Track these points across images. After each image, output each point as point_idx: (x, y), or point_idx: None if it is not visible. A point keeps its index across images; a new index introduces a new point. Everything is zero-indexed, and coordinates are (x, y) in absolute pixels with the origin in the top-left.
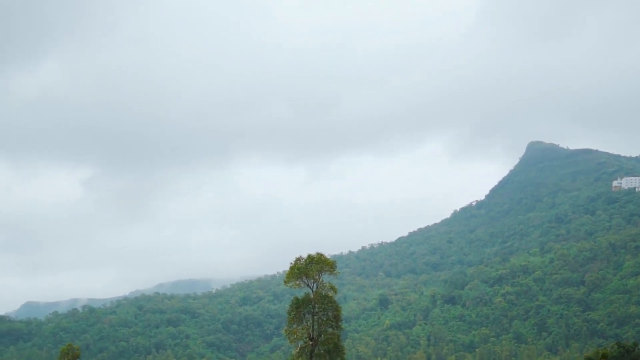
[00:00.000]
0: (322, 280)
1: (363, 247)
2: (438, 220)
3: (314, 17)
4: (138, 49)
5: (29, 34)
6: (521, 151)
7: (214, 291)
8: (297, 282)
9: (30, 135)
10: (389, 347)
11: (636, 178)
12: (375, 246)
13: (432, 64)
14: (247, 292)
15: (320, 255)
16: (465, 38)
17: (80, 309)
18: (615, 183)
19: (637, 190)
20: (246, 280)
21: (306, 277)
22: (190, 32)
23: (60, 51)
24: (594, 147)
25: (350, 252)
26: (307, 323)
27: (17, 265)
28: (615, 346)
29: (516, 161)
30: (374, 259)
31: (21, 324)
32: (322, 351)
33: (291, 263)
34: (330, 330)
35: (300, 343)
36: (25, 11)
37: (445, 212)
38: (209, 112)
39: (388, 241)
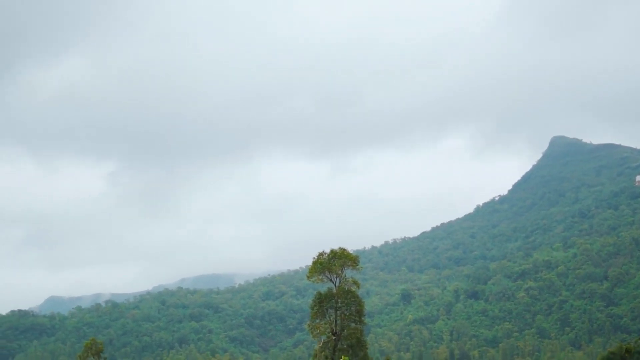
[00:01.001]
0: (345, 275)
1: (386, 242)
2: (461, 215)
3: (336, 13)
4: (161, 45)
5: (52, 31)
6: (544, 146)
7: (236, 286)
8: (320, 277)
9: (54, 131)
10: (412, 342)
11: None
12: (398, 241)
13: (455, 58)
14: (270, 287)
15: (343, 250)
16: (488, 33)
17: (103, 304)
18: (638, 178)
19: None
20: (269, 275)
21: (329, 272)
22: (212, 28)
23: (84, 48)
24: (617, 142)
25: (373, 247)
26: (329, 318)
27: (40, 260)
28: (639, 341)
29: (539, 156)
30: (396, 254)
31: (45, 319)
32: (344, 346)
33: (314, 258)
34: (353, 325)
35: (323, 338)
36: (49, 8)
37: (468, 207)
38: (231, 107)
39: (411, 236)
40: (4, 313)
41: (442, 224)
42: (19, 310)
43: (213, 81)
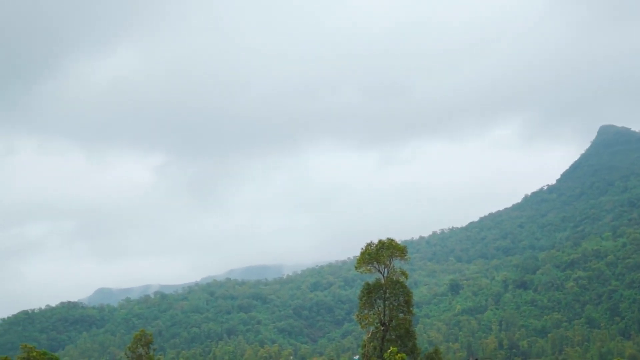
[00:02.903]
0: (393, 266)
1: (434, 232)
2: (509, 205)
3: (384, 3)
4: (208, 37)
5: (102, 25)
6: (593, 135)
7: (285, 277)
8: (368, 268)
9: (104, 123)
10: (460, 333)
11: None
12: (446, 231)
13: (504, 48)
14: (318, 278)
15: (391, 240)
16: (537, 22)
17: (152, 296)
18: None
19: None
20: (317, 265)
21: (377, 263)
22: (260, 19)
23: (133, 41)
24: None
25: (421, 237)
26: (378, 308)
27: (90, 252)
28: None
29: (588, 145)
30: (444, 244)
31: (94, 310)
32: (393, 336)
33: (362, 248)
34: (401, 315)
35: (372, 328)
36: (99, 2)
37: (516, 197)
38: (279, 98)
39: (459, 226)
40: (54, 305)
41: (490, 214)
42: (69, 302)
43: (261, 72)
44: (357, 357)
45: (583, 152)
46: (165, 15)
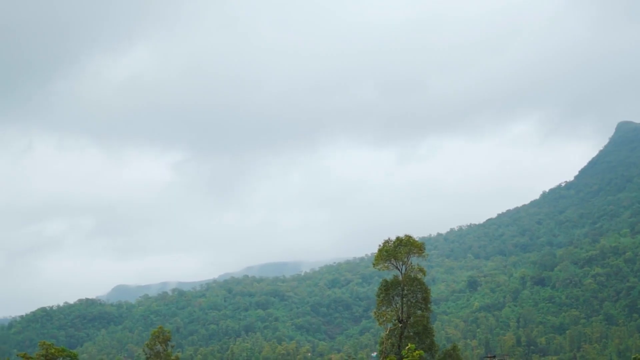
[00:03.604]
0: (411, 263)
1: (451, 229)
2: (527, 202)
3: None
4: (225, 33)
5: (119, 22)
6: (611, 131)
7: (302, 274)
8: (386, 265)
9: (121, 120)
10: (479, 329)
11: None
12: (463, 228)
13: (522, 44)
14: (336, 275)
15: (408, 237)
16: (555, 18)
17: (170, 292)
18: None
19: None
20: (335, 262)
21: (395, 260)
22: (276, 15)
23: (150, 37)
24: None
25: (439, 234)
26: (396, 305)
27: (108, 249)
28: None
29: (606, 141)
30: (462, 241)
31: (112, 307)
32: (411, 333)
33: (380, 245)
34: (419, 312)
35: (390, 325)
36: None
37: (534, 193)
38: (296, 95)
39: (476, 223)
40: (72, 302)
41: (508, 210)
42: (87, 299)
43: (277, 69)
44: (375, 354)
45: (601, 148)
46: (181, 12)
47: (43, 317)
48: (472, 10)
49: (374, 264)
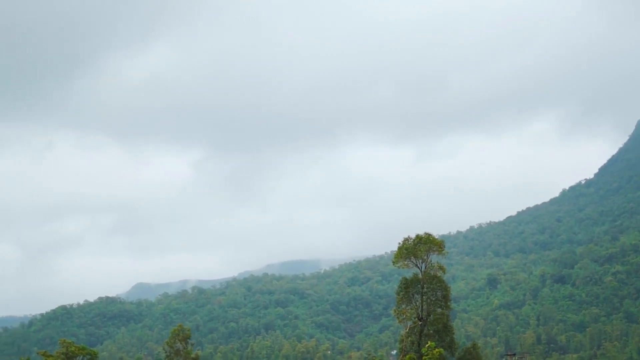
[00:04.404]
0: (431, 260)
1: (471, 227)
2: (547, 199)
3: None
4: (244, 32)
5: (139, 21)
6: (631, 129)
7: (322, 272)
8: (406, 262)
9: (141, 118)
10: (498, 327)
11: None
12: (483, 226)
13: (541, 41)
14: (356, 273)
15: (428, 235)
16: (575, 15)
17: (190, 291)
18: None
19: None
20: (354, 260)
21: (414, 257)
22: (295, 15)
23: (169, 37)
24: None
25: (459, 232)
26: (416, 303)
27: (128, 247)
28: None
29: (625, 139)
30: (482, 239)
31: (132, 305)
32: (431, 331)
33: (399, 243)
34: (439, 310)
35: (409, 323)
36: None
37: (554, 191)
38: (315, 93)
39: (496, 220)
40: (92, 300)
41: (528, 208)
42: (107, 297)
43: (296, 68)
44: (394, 352)
45: (621, 146)
46: (201, 11)
47: (63, 315)
48: (491, 7)
49: (393, 262)
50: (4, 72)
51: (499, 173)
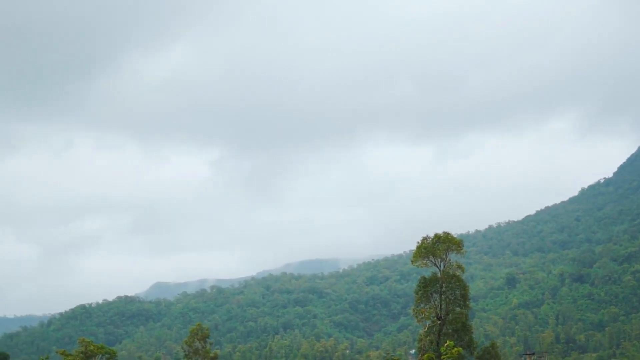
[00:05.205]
0: (449, 260)
1: (490, 226)
2: (565, 199)
3: None
4: (264, 31)
5: (158, 20)
6: None
7: (341, 271)
8: (424, 262)
9: (160, 117)
10: (517, 326)
11: None
12: (502, 225)
13: (560, 40)
14: (374, 272)
15: (447, 234)
16: (593, 13)
17: (208, 290)
18: None
19: None
20: (373, 259)
21: (433, 257)
22: (313, 13)
23: (189, 34)
24: None
25: (477, 231)
26: (434, 302)
27: (147, 247)
28: None
29: None
30: (501, 238)
31: (151, 305)
32: (449, 330)
33: (418, 242)
34: (457, 309)
35: (428, 322)
36: None
37: (572, 190)
38: (335, 92)
39: (515, 219)
40: (111, 299)
41: (547, 207)
42: (126, 296)
43: (315, 66)
44: (413, 351)
45: None
46: (220, 10)
47: (82, 314)
48: (509, 5)
49: (412, 261)
50: (23, 72)
51: (517, 172)
